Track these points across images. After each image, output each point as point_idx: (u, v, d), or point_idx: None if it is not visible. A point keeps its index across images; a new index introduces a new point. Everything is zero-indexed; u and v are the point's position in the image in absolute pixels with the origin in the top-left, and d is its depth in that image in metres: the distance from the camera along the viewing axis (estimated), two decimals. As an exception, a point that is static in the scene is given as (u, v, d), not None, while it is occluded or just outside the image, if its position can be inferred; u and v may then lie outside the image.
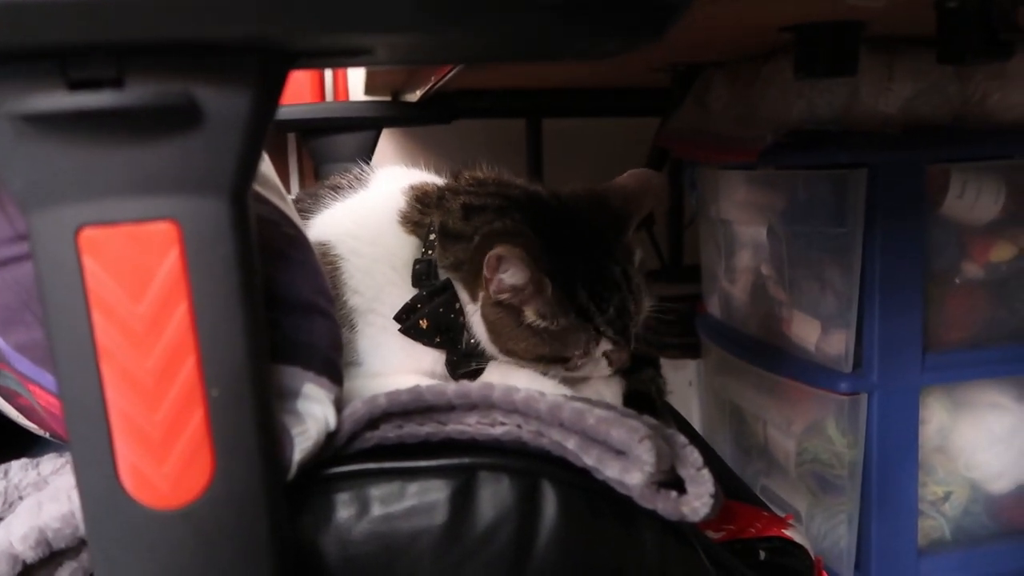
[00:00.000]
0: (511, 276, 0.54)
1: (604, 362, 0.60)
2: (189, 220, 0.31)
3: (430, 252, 0.57)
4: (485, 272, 0.54)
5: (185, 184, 0.30)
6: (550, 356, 0.58)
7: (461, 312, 0.57)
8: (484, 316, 0.57)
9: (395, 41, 0.31)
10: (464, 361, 0.58)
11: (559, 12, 0.29)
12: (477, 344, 0.58)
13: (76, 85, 0.28)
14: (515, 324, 0.56)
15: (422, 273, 0.57)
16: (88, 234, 0.30)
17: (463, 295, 0.58)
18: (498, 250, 0.53)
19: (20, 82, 0.28)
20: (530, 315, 0.56)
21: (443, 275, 0.57)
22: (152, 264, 0.31)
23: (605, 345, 0.59)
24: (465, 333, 0.58)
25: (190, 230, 0.31)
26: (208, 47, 0.28)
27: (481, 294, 0.56)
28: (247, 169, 0.32)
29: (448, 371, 0.59)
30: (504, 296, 0.55)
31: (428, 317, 0.56)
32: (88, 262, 0.30)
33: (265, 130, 0.32)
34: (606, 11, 0.29)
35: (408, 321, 0.56)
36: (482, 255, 0.54)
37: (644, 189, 0.63)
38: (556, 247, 0.56)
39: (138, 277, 0.31)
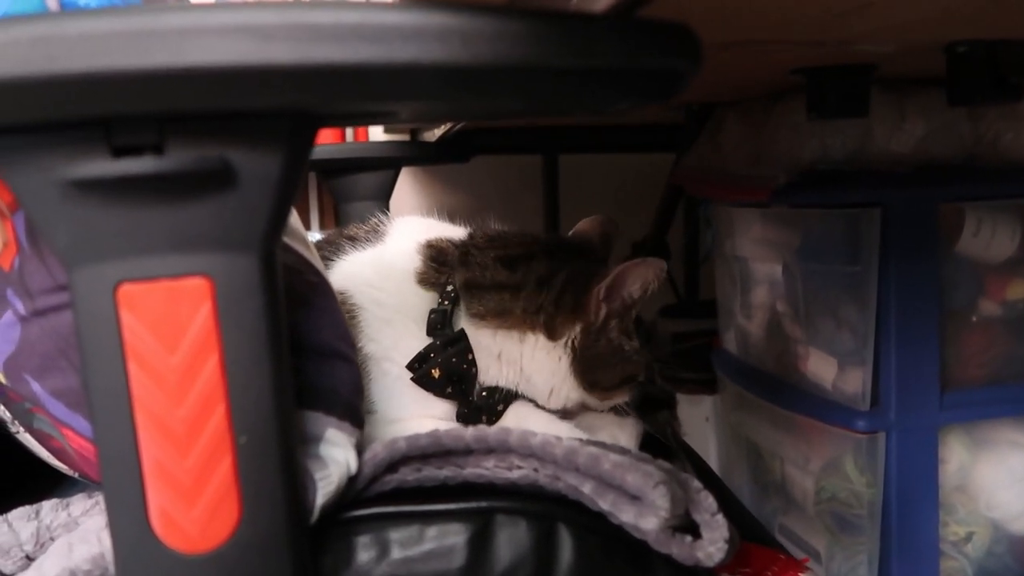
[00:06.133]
0: (642, 285, 0.59)
1: None
2: (221, 275, 0.32)
3: (446, 303, 0.59)
4: (600, 296, 0.58)
5: (218, 241, 0.32)
6: (629, 378, 0.62)
7: (474, 363, 0.58)
8: (582, 349, 0.59)
9: (418, 107, 0.33)
10: (475, 414, 0.58)
11: (574, 78, 0.31)
12: (488, 395, 0.59)
13: (119, 151, 0.30)
14: (610, 353, 0.60)
15: (436, 322, 0.58)
16: (126, 289, 0.32)
17: (516, 338, 0.59)
18: (619, 268, 0.58)
19: (66, 149, 0.30)
20: (618, 335, 0.60)
21: (461, 327, 0.58)
22: (186, 317, 0.32)
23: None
24: (477, 385, 0.59)
25: (222, 285, 0.32)
26: (244, 114, 0.30)
27: (579, 327, 0.59)
28: (277, 226, 0.33)
29: (459, 423, 0.59)
30: (614, 321, 0.60)
31: (441, 366, 0.57)
32: (125, 316, 0.32)
33: (295, 188, 0.33)
34: (617, 78, 0.31)
35: (420, 370, 0.57)
36: (579, 289, 0.59)
37: (609, 230, 0.68)
38: None
39: (172, 330, 0.32)
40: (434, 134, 1.26)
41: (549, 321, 0.59)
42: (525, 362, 0.59)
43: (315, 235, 0.72)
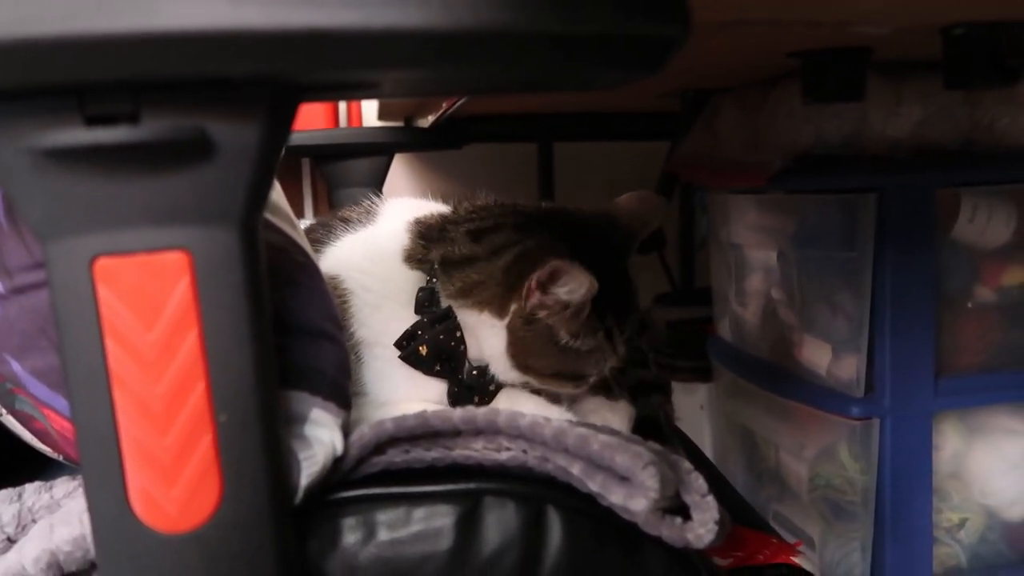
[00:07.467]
0: (569, 292, 0.54)
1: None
2: (200, 249, 0.31)
3: (433, 280, 0.58)
4: (532, 284, 0.54)
5: (196, 214, 0.31)
6: (568, 374, 0.58)
7: (462, 341, 0.57)
8: (511, 330, 0.56)
9: (400, 76, 0.32)
10: (466, 393, 0.58)
11: (558, 46, 0.30)
12: (479, 374, 0.58)
13: (92, 120, 0.29)
14: (543, 341, 0.56)
15: (424, 300, 0.57)
16: (103, 263, 0.31)
17: (477, 316, 0.57)
18: (557, 263, 0.52)
19: (38, 117, 0.29)
20: (563, 335, 0.56)
21: (446, 304, 0.58)
22: (164, 292, 0.31)
23: (611, 364, 0.60)
24: (466, 363, 0.58)
25: (201, 259, 0.31)
26: (220, 82, 0.29)
27: (513, 307, 0.56)
28: (257, 199, 0.32)
29: (450, 403, 0.59)
30: (544, 312, 0.55)
31: (428, 344, 0.56)
32: (102, 291, 0.31)
33: (275, 161, 0.32)
34: (605, 45, 0.30)
35: (408, 348, 0.56)
36: (525, 268, 0.54)
37: (648, 209, 0.64)
38: (586, 266, 0.55)
39: (150, 305, 0.31)
40: (428, 120, 1.26)
41: (494, 297, 0.56)
42: (482, 339, 0.58)
43: (309, 222, 0.71)
